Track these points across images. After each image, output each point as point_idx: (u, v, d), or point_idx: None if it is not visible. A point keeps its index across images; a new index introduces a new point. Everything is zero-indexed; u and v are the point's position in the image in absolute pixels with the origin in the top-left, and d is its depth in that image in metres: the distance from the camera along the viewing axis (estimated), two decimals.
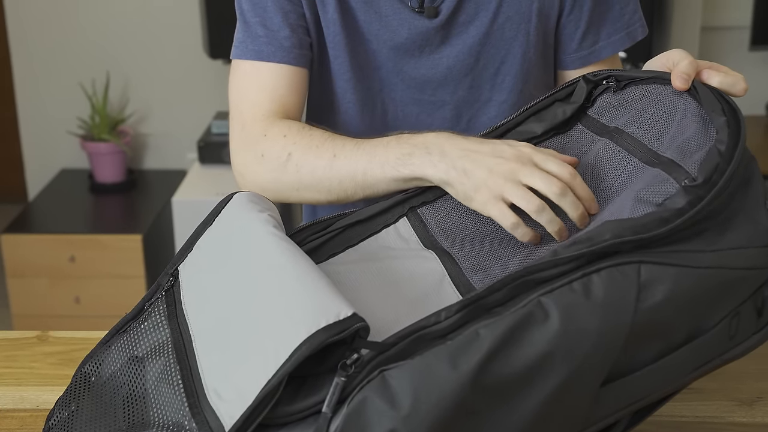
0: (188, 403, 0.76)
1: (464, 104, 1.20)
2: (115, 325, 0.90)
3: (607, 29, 1.20)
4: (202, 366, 0.78)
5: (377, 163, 1.00)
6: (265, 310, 0.77)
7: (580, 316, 0.74)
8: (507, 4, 1.15)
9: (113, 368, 0.85)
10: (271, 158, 1.09)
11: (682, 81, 0.90)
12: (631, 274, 0.76)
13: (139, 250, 2.85)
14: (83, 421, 0.82)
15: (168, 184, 3.19)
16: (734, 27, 3.04)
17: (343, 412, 0.70)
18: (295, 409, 0.72)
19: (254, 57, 1.15)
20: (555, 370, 0.73)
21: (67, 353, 1.16)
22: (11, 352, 1.16)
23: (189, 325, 0.83)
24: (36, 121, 3.32)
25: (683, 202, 0.78)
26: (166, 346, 0.83)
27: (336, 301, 0.74)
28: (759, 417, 1.02)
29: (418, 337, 0.73)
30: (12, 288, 2.90)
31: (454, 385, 0.71)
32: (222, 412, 0.72)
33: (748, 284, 0.82)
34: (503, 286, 0.75)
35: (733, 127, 0.83)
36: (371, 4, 1.15)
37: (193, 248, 0.91)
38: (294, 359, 0.70)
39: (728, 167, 0.80)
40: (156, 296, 0.89)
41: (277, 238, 0.85)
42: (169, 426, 0.75)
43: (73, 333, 1.20)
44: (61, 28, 3.21)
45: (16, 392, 1.08)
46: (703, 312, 0.81)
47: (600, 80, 1.00)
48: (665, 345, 0.80)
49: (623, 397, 0.80)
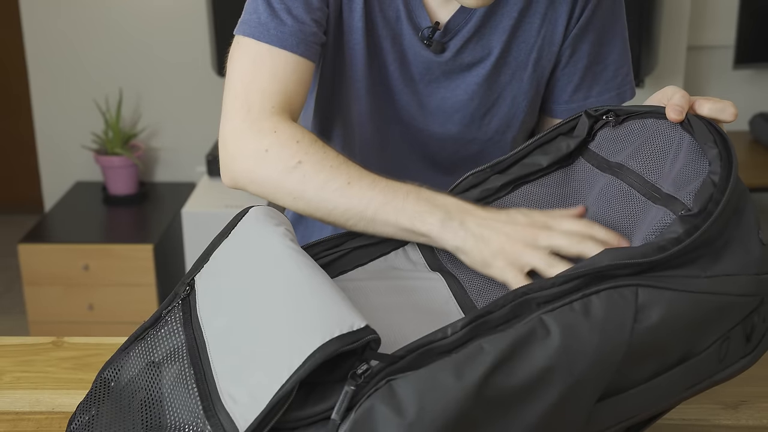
0: (203, 406, 0.75)
1: (450, 139, 1.21)
2: (134, 332, 0.90)
3: (599, 87, 1.21)
4: (216, 370, 0.77)
5: (392, 208, 0.96)
6: (280, 318, 0.77)
7: (580, 334, 0.74)
8: (508, 53, 1.16)
9: (132, 373, 0.85)
10: (277, 159, 1.04)
11: (676, 113, 0.90)
12: (628, 296, 0.76)
13: (150, 260, 2.85)
14: (103, 424, 0.82)
15: (178, 196, 3.19)
16: (719, 46, 3.05)
17: (350, 419, 0.70)
18: (305, 415, 0.72)
19: (277, 43, 1.10)
20: (554, 384, 0.74)
21: (81, 358, 1.16)
22: (28, 357, 1.16)
23: (203, 331, 0.83)
24: (52, 136, 3.33)
25: (680, 231, 0.79)
26: (180, 351, 0.83)
27: (350, 312, 0.74)
28: (743, 420, 1.02)
29: (426, 351, 0.73)
30: (28, 295, 2.89)
31: (458, 395, 0.71)
32: (236, 415, 0.72)
33: (739, 310, 0.83)
34: (507, 303, 0.75)
35: (725, 158, 0.84)
36: (390, 23, 1.15)
37: (210, 259, 0.91)
38: (308, 366, 0.70)
39: (722, 197, 0.81)
40: (173, 304, 0.89)
41: (294, 251, 0.84)
42: (184, 429, 0.75)
43: (86, 339, 1.20)
44: (77, 47, 3.22)
45: (32, 395, 1.08)
46: (695, 335, 0.81)
47: (600, 115, 1.00)
48: (659, 365, 0.80)
49: (617, 413, 0.80)
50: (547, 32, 1.16)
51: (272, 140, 1.05)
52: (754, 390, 1.06)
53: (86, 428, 0.83)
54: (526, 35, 1.16)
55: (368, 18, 1.14)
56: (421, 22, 1.14)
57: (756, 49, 2.96)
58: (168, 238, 3.00)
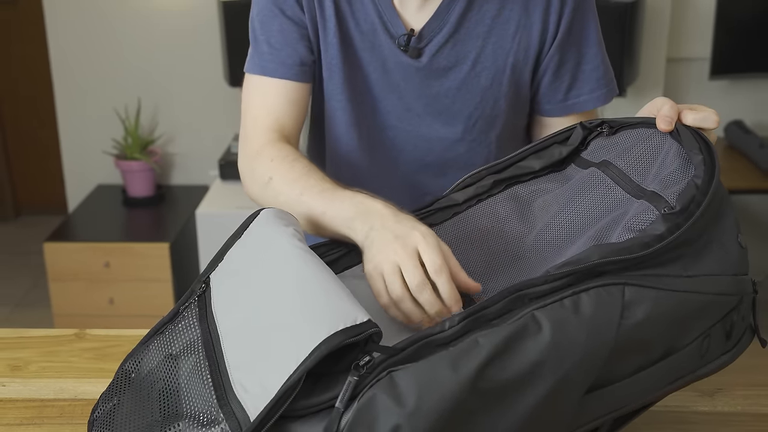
0: (216, 395, 0.75)
1: (437, 139, 1.21)
2: (154, 327, 0.90)
3: (590, 85, 1.21)
4: (229, 362, 0.77)
5: (330, 216, 0.98)
6: (289, 313, 0.77)
7: (570, 329, 0.74)
8: (485, 56, 1.16)
9: (151, 365, 0.85)
10: (257, 177, 1.11)
11: (666, 123, 0.90)
12: (616, 294, 0.76)
13: (167, 257, 2.85)
14: (124, 413, 0.82)
15: (192, 198, 3.19)
16: (696, 58, 3.04)
17: (353, 408, 0.70)
18: (311, 403, 0.72)
19: (259, 72, 1.17)
20: (545, 377, 0.74)
21: (102, 349, 1.16)
22: (52, 348, 1.16)
23: (218, 325, 0.83)
24: (75, 142, 3.33)
25: (662, 228, 0.79)
26: (196, 344, 0.83)
27: (354, 307, 0.74)
28: (719, 407, 1.02)
29: (425, 343, 0.73)
30: (53, 291, 2.89)
31: (455, 387, 0.71)
32: (247, 403, 0.72)
33: (719, 308, 0.83)
34: (501, 299, 0.75)
35: (708, 164, 0.84)
36: (367, 35, 1.15)
37: (224, 258, 0.91)
38: (314, 357, 0.70)
39: (704, 199, 0.81)
40: (189, 301, 0.89)
41: (301, 250, 0.84)
42: (199, 417, 0.75)
43: (107, 331, 1.20)
44: (98, 60, 3.22)
45: (57, 384, 1.08)
46: (678, 332, 0.81)
47: (594, 127, 1.00)
48: (644, 359, 0.80)
49: (604, 405, 0.80)
50: (522, 38, 1.16)
51: (256, 161, 1.12)
52: (729, 379, 1.06)
53: (108, 416, 0.83)
54: (502, 41, 1.15)
55: (343, 34, 1.15)
56: (396, 31, 1.14)
57: (731, 61, 2.96)
58: (183, 237, 2.99)
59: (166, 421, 0.77)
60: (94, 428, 0.83)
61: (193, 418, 0.75)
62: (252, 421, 0.70)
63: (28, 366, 1.12)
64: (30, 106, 3.95)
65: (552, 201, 0.97)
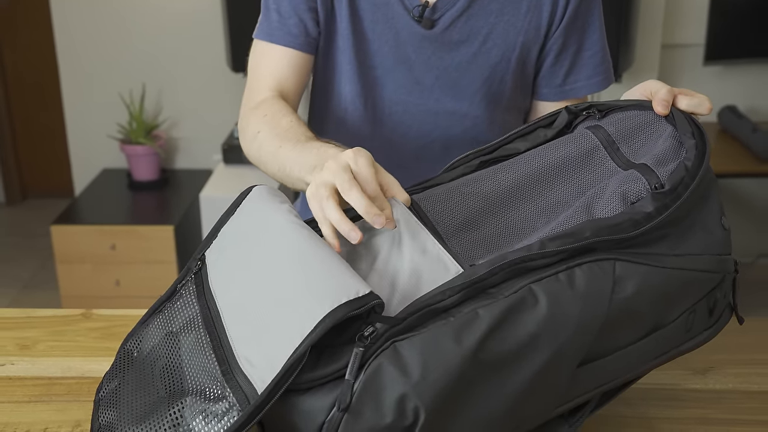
0: (221, 370, 0.75)
1: (444, 113, 1.20)
2: (152, 306, 0.89)
3: (588, 71, 1.21)
4: (232, 337, 0.77)
5: (298, 165, 0.99)
6: (290, 288, 0.76)
7: (565, 303, 0.75)
8: (496, 33, 1.16)
9: (152, 344, 0.85)
10: (249, 131, 1.14)
11: (663, 107, 0.89)
12: (608, 269, 0.77)
13: (171, 239, 2.85)
14: (128, 392, 0.81)
15: (196, 182, 3.19)
16: (690, 45, 3.03)
17: (361, 378, 0.70)
18: (316, 376, 0.72)
19: (267, 38, 1.19)
20: (541, 349, 0.74)
21: (109, 329, 1.16)
22: (60, 328, 1.17)
23: (216, 301, 0.82)
24: (81, 127, 3.32)
25: (651, 208, 0.80)
26: (196, 320, 0.82)
27: (355, 280, 0.74)
28: (711, 384, 1.02)
29: (426, 312, 0.73)
30: (60, 272, 2.90)
31: (458, 358, 0.71)
32: (254, 377, 0.72)
33: (703, 286, 0.83)
34: (500, 270, 0.75)
35: (700, 148, 0.84)
36: (381, 8, 1.16)
37: (218, 235, 0.90)
38: (319, 330, 0.70)
39: (692, 182, 0.82)
40: (186, 279, 0.88)
41: (299, 226, 0.83)
42: (205, 392, 0.74)
43: (113, 311, 1.20)
44: (103, 46, 3.21)
45: (64, 362, 1.08)
46: (665, 307, 0.82)
47: (581, 111, 0.98)
48: (633, 334, 0.81)
49: (595, 377, 0.80)
50: (533, 18, 1.16)
51: (251, 115, 1.15)
52: (720, 357, 1.06)
53: (113, 395, 0.83)
54: (513, 19, 1.16)
55: (354, 7, 1.16)
56: (411, 2, 1.15)
57: (724, 47, 2.95)
58: (187, 220, 2.99)
59: (172, 398, 0.76)
60: (100, 408, 0.83)
61: (199, 393, 0.74)
62: (260, 394, 0.70)
63: (36, 345, 1.12)
64: (36, 91, 3.94)
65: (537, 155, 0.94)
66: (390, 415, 0.70)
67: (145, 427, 0.75)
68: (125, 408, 0.80)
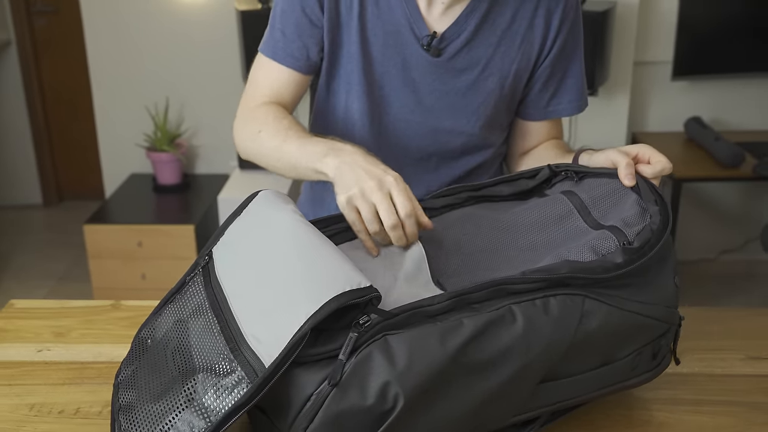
0: (229, 347, 0.75)
1: (442, 130, 1.21)
2: (164, 297, 0.89)
3: (569, 96, 1.23)
4: (239, 318, 0.77)
5: (306, 155, 1.01)
6: (296, 275, 0.76)
7: (539, 325, 0.78)
8: (494, 62, 1.17)
9: (164, 330, 0.85)
10: (248, 131, 1.13)
11: (629, 180, 0.95)
12: (578, 302, 0.80)
13: (192, 237, 2.85)
14: (144, 374, 0.81)
15: (214, 186, 3.18)
16: (659, 62, 3.03)
17: (352, 361, 0.71)
18: (313, 353, 0.73)
19: (270, 55, 1.18)
20: (513, 361, 0.76)
21: (135, 318, 1.16)
22: (91, 317, 1.17)
23: (223, 288, 0.82)
24: (111, 136, 3.32)
25: (621, 259, 0.84)
26: (203, 306, 0.82)
27: (356, 273, 0.75)
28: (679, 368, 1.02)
29: (416, 312, 0.75)
30: (92, 267, 2.90)
31: (441, 357, 0.73)
32: (261, 352, 0.72)
33: (653, 331, 0.87)
34: (485, 288, 0.78)
35: (663, 215, 0.89)
36: (391, 35, 1.15)
37: (225, 233, 0.90)
38: (323, 311, 0.71)
39: (657, 243, 0.86)
40: (194, 272, 0.88)
41: (303, 223, 0.84)
42: (214, 368, 0.74)
43: (140, 302, 1.20)
44: (131, 63, 3.21)
45: (95, 348, 1.08)
46: (618, 344, 0.85)
47: (560, 171, 1.02)
48: (588, 363, 0.84)
49: (550, 396, 0.83)
50: (525, 49, 1.17)
51: (251, 115, 1.15)
52: (688, 344, 1.06)
53: (131, 380, 0.83)
54: (509, 50, 1.16)
55: (364, 34, 1.15)
56: (421, 32, 1.15)
57: (690, 64, 2.96)
58: (207, 220, 2.99)
59: (184, 376, 0.76)
60: (120, 390, 0.83)
61: (209, 370, 0.74)
62: (268, 366, 0.70)
63: (70, 333, 1.12)
64: (71, 105, 3.94)
65: (520, 212, 0.98)
66: (372, 397, 0.71)
67: (162, 404, 0.75)
68: (143, 388, 0.80)
